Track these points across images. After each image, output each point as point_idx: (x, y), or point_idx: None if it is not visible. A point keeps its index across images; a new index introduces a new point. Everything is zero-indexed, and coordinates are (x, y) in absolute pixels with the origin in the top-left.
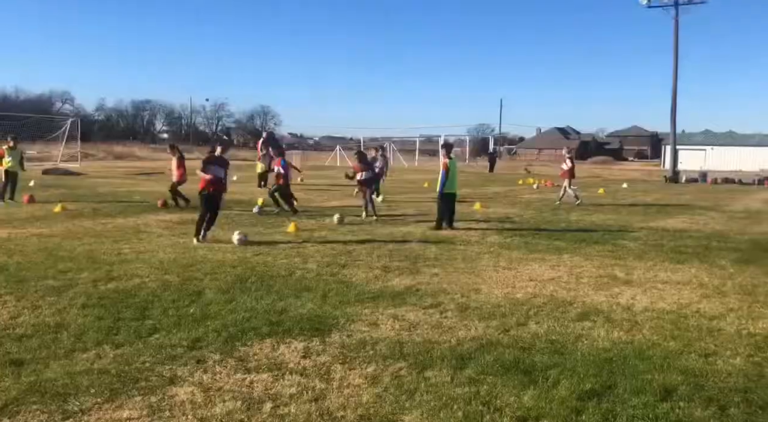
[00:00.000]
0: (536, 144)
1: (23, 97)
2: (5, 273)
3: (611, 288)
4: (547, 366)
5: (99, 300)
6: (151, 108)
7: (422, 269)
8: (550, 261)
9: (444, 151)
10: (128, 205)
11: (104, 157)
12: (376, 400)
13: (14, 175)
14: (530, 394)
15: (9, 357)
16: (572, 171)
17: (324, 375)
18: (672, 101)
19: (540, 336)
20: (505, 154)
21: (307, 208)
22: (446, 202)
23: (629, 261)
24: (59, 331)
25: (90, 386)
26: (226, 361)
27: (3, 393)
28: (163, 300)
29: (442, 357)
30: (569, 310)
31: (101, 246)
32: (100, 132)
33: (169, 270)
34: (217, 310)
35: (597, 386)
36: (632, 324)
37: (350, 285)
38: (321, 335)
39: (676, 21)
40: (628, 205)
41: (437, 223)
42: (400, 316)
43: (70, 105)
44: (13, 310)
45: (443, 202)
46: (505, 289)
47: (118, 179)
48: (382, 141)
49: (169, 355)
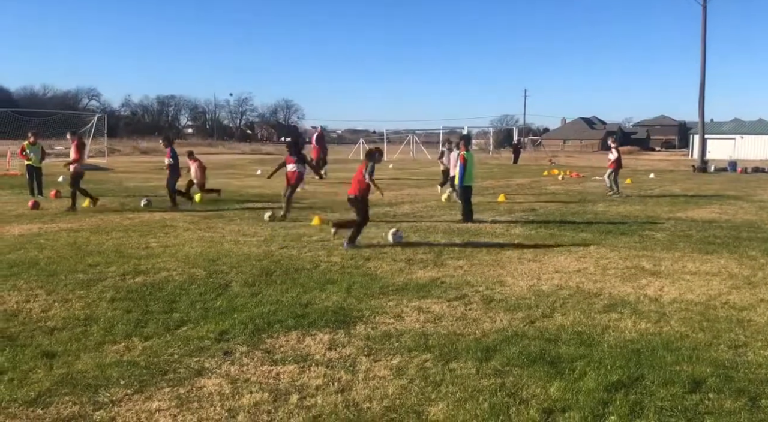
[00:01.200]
0: (561, 134)
1: (50, 94)
2: (36, 267)
3: (638, 279)
4: (573, 357)
5: (127, 294)
6: (176, 103)
7: (446, 261)
8: (576, 253)
9: (462, 143)
10: (154, 199)
11: (130, 152)
12: (402, 392)
13: (38, 170)
14: (556, 386)
15: (41, 349)
16: (619, 161)
17: (349, 367)
18: (700, 90)
19: (566, 328)
20: (530, 145)
21: (330, 202)
22: (467, 194)
23: (657, 252)
24: (89, 324)
25: (120, 378)
26: (252, 353)
27: (36, 384)
28: (191, 293)
29: (467, 349)
30: (596, 302)
31: (129, 240)
32: (126, 127)
33: (196, 264)
34: (244, 303)
35: (624, 378)
36: (660, 315)
37: (375, 277)
38: (346, 327)
39: (704, 8)
40: (655, 196)
41: (465, 216)
42: (424, 308)
43: (96, 101)
44: (44, 304)
45: (465, 195)
46: (530, 281)
47: (144, 174)
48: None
49: (196, 347)
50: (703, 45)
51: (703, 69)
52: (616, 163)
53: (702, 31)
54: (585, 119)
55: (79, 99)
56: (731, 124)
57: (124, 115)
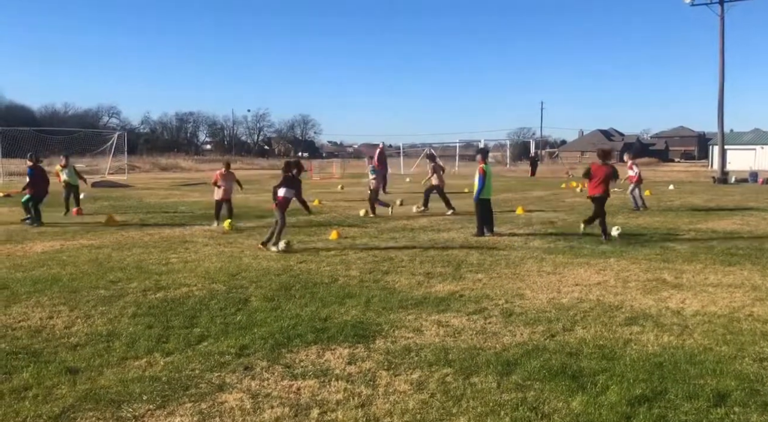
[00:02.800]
0: (579, 146)
1: (71, 113)
2: (59, 284)
3: (660, 292)
4: (595, 371)
5: (149, 309)
6: (195, 120)
7: (465, 275)
8: (596, 266)
9: (480, 157)
10: (174, 215)
11: (150, 168)
12: (423, 406)
13: (75, 188)
14: (579, 400)
15: (64, 365)
16: (640, 175)
17: (369, 381)
18: (719, 100)
19: (587, 342)
20: (547, 158)
21: (347, 216)
22: (484, 207)
23: (678, 264)
24: (111, 340)
25: (142, 393)
26: (273, 368)
27: (60, 400)
28: (211, 309)
29: (487, 363)
30: (617, 315)
31: (149, 256)
32: (146, 144)
33: (216, 279)
34: (263, 318)
35: (647, 391)
36: (682, 328)
37: (393, 291)
38: (365, 341)
39: (722, 18)
40: (675, 207)
41: (479, 230)
42: (444, 322)
43: (116, 119)
44: (67, 320)
45: (482, 208)
46: (550, 294)
47: (164, 190)
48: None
49: (217, 362)
50: (722, 55)
51: (721, 79)
52: (638, 177)
53: (720, 40)
54: (602, 131)
55: (100, 117)
56: (751, 134)
57: (143, 133)
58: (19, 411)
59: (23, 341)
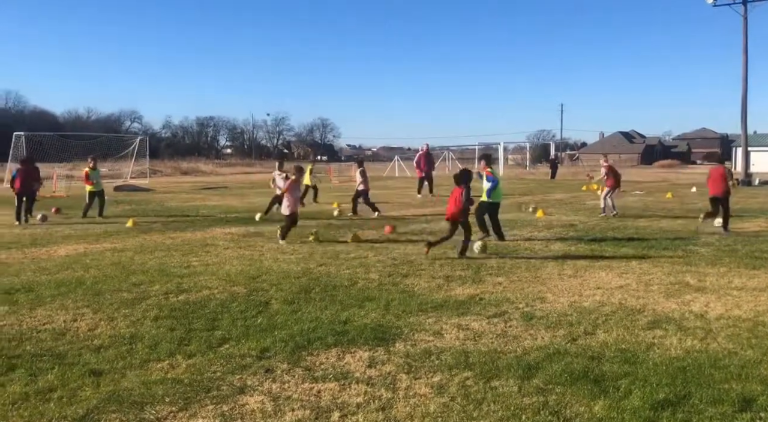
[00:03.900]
0: (599, 149)
1: (94, 118)
2: (83, 287)
3: (683, 295)
4: (617, 375)
5: (171, 312)
6: (215, 124)
7: (485, 278)
8: (618, 269)
9: (483, 163)
10: (195, 219)
11: (171, 172)
12: (444, 410)
13: (101, 193)
14: (601, 404)
15: (88, 367)
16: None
17: (390, 384)
18: (742, 101)
19: (609, 345)
20: (567, 160)
21: (367, 219)
22: (493, 211)
23: (701, 267)
24: (134, 342)
25: (165, 395)
26: (293, 370)
27: (84, 402)
28: (232, 311)
29: (508, 366)
30: (639, 318)
31: (171, 259)
32: (167, 149)
33: (237, 282)
34: (284, 320)
35: (671, 396)
36: (706, 332)
37: (413, 294)
38: (385, 345)
39: (745, 18)
40: (697, 210)
41: (498, 234)
42: (464, 326)
43: (138, 123)
44: (90, 322)
45: (491, 212)
46: (571, 298)
47: (185, 194)
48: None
49: (239, 365)
50: (745, 55)
51: (745, 80)
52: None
53: (743, 41)
54: (623, 133)
55: (122, 122)
56: None
57: (164, 137)
58: (45, 412)
59: (48, 343)
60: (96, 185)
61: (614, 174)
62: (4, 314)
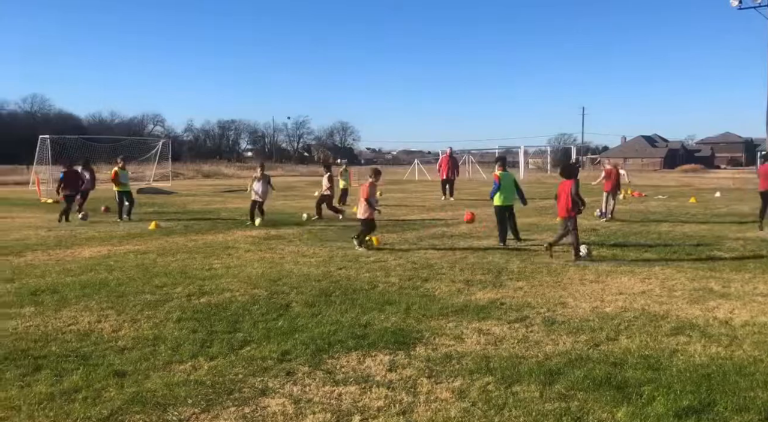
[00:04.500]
0: (621, 153)
1: (117, 121)
2: (106, 288)
3: (707, 301)
4: (640, 382)
5: (193, 314)
6: (236, 127)
7: (506, 282)
8: (641, 274)
9: (498, 164)
10: (217, 221)
11: (193, 175)
12: (465, 415)
13: (129, 194)
14: (624, 411)
15: (112, 368)
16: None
17: (410, 388)
18: (767, 105)
19: (632, 352)
20: (588, 164)
21: (386, 223)
22: (501, 215)
23: (726, 273)
24: (157, 344)
25: (187, 396)
26: (314, 373)
27: (109, 402)
28: (253, 314)
29: (530, 372)
30: (662, 325)
31: (193, 261)
32: (189, 152)
33: (258, 285)
34: (304, 323)
35: (695, 403)
36: (731, 339)
37: (433, 298)
38: (405, 348)
39: None
40: (722, 215)
41: (500, 238)
42: (485, 330)
43: (161, 126)
44: (114, 324)
45: (500, 215)
46: (593, 303)
47: (207, 197)
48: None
49: (260, 367)
50: None
51: None
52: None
53: None
54: (646, 137)
55: (145, 125)
56: None
57: (186, 140)
58: (70, 412)
59: (73, 344)
60: (124, 185)
61: (614, 177)
62: (30, 315)
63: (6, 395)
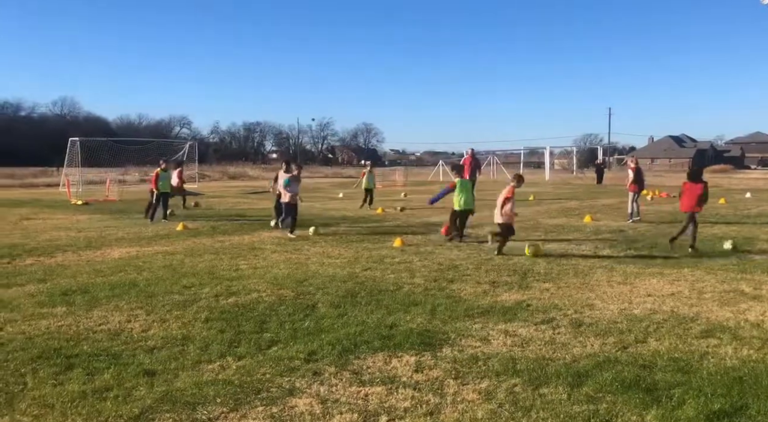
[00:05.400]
0: (648, 153)
1: (145, 123)
2: (136, 288)
3: (738, 303)
4: (670, 384)
5: (220, 314)
6: (261, 129)
7: (532, 284)
8: (669, 276)
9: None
10: (243, 222)
11: (219, 177)
12: (492, 416)
13: (166, 195)
14: (653, 413)
15: (142, 367)
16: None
17: (437, 389)
18: None
19: (661, 354)
20: (615, 165)
21: (411, 224)
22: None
23: (757, 275)
24: (186, 343)
25: (216, 396)
26: (341, 374)
27: (139, 401)
28: (280, 314)
29: (557, 374)
30: (692, 327)
31: (220, 262)
32: (215, 154)
33: (284, 285)
34: (330, 324)
35: (727, 406)
36: (763, 341)
37: (459, 300)
38: (432, 350)
39: None
40: (753, 216)
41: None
42: (511, 332)
43: (187, 129)
44: (144, 324)
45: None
46: (621, 305)
47: (233, 198)
48: (485, 155)
49: (287, 367)
50: None
51: None
52: (637, 184)
53: None
54: (673, 137)
55: (172, 127)
56: None
57: (212, 142)
58: (101, 410)
59: (104, 343)
60: (163, 187)
61: (639, 177)
62: (62, 315)
63: (40, 393)
